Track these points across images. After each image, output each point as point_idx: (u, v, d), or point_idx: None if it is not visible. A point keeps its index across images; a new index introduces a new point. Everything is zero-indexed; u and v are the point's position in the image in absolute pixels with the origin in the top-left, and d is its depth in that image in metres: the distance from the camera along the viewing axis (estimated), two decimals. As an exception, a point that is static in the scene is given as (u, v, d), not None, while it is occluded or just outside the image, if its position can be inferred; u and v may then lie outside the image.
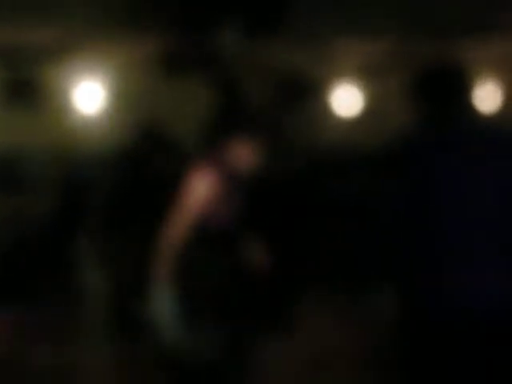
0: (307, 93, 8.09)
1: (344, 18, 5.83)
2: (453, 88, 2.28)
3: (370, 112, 8.22)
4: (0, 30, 5.95)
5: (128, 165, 4.57)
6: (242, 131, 2.58)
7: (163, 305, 2.40)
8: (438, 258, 2.07)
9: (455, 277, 2.05)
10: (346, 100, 8.43)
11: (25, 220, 5.90)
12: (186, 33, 5.11)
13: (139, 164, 4.42)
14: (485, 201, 2.10)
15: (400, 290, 2.20)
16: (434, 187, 2.11)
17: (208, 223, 2.54)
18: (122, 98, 7.50)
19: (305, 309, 4.28)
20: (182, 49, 5.62)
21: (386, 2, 5.18)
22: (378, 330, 2.66)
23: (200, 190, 2.49)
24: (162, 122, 4.79)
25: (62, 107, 7.37)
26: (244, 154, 2.57)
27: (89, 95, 7.36)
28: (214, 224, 2.56)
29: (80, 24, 5.32)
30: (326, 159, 6.60)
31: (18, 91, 7.21)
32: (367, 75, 7.46)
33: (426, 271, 2.08)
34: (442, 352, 2.04)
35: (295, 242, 4.72)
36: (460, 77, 2.29)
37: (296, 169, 5.33)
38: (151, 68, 6.23)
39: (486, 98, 7.98)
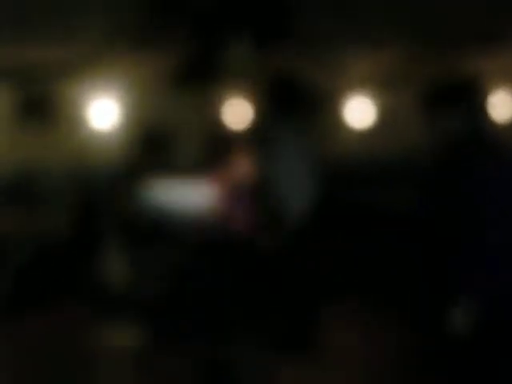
0: (318, 104, 8.08)
1: (356, 30, 5.85)
2: (463, 99, 2.29)
3: (383, 123, 8.24)
4: (16, 48, 5.98)
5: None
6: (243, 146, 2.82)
7: None
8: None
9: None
10: (359, 111, 8.40)
11: (41, 232, 5.89)
12: (197, 48, 5.14)
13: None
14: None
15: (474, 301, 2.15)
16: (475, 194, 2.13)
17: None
18: (134, 114, 7.56)
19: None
20: (193, 63, 5.62)
21: (398, 14, 5.20)
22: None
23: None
24: (171, 135, 4.77)
25: (77, 123, 7.40)
26: (245, 166, 2.78)
27: (103, 111, 7.43)
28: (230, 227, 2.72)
29: (93, 42, 5.38)
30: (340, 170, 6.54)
31: (34, 108, 7.29)
32: (379, 86, 7.41)
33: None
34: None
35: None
36: (470, 89, 2.33)
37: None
38: (163, 84, 6.26)
39: (499, 107, 7.96)
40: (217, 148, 3.92)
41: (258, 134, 2.99)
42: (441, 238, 2.29)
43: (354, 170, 6.60)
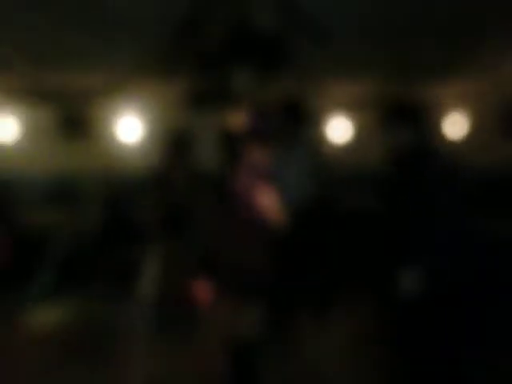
0: (307, 122, 8.36)
1: (337, 62, 5.84)
2: (416, 119, 2.54)
3: (358, 139, 8.42)
4: (59, 75, 6.14)
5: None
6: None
7: None
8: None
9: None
10: (338, 129, 8.73)
11: (78, 229, 5.98)
12: (208, 74, 5.08)
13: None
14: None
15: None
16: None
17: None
18: (156, 130, 7.75)
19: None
20: (206, 87, 5.57)
21: (371, 52, 5.37)
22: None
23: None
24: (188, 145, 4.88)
25: (108, 137, 7.53)
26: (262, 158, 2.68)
27: (129, 127, 7.71)
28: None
29: (121, 71, 5.44)
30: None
31: (71, 125, 7.49)
32: (355, 108, 7.58)
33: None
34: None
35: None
36: (421, 111, 2.57)
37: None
38: (180, 105, 6.31)
39: (454, 128, 8.32)
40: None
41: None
42: (398, 222, 2.50)
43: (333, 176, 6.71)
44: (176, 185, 4.55)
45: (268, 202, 2.59)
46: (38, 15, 4.47)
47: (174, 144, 4.73)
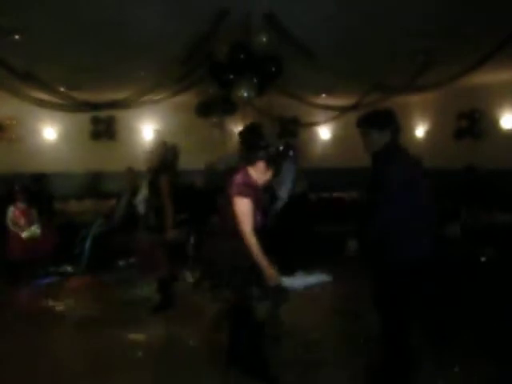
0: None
1: (320, 81, 6.07)
2: (391, 123, 2.65)
3: (338, 139, 8.65)
4: (93, 90, 6.26)
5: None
6: (261, 157, 2.74)
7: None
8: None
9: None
10: (324, 131, 8.98)
11: (107, 217, 5.94)
12: (215, 88, 5.06)
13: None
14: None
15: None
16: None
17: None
18: (173, 133, 7.78)
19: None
20: (212, 99, 5.71)
21: (352, 71, 5.45)
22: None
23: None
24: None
25: (132, 140, 7.79)
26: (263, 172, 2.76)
27: (150, 131, 7.86)
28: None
29: (143, 86, 5.39)
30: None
31: (102, 132, 7.74)
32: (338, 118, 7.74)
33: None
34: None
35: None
36: (391, 114, 2.69)
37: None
38: (191, 113, 6.36)
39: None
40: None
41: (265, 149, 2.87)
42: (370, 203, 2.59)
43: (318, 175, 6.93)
44: None
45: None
46: (78, 44, 4.63)
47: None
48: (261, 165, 2.78)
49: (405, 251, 2.52)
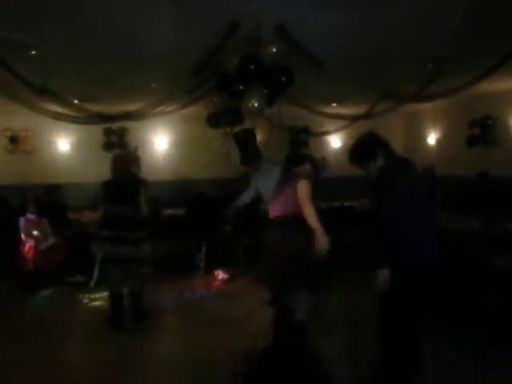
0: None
1: (331, 90, 6.14)
2: (376, 147, 2.66)
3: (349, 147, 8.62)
4: (108, 102, 6.38)
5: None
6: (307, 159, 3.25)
7: None
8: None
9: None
10: (334, 140, 8.99)
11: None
12: (225, 99, 5.09)
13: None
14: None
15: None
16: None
17: None
18: (183, 141, 7.96)
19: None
20: (222, 108, 5.71)
21: (363, 82, 5.39)
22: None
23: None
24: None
25: (143, 152, 7.73)
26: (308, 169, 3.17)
27: (163, 139, 7.94)
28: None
29: (157, 96, 5.30)
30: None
31: (114, 142, 7.80)
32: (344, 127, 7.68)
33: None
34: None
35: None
36: (375, 139, 2.71)
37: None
38: (202, 124, 6.37)
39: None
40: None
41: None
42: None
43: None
44: None
45: None
46: (92, 58, 4.70)
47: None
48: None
49: (411, 255, 2.50)
